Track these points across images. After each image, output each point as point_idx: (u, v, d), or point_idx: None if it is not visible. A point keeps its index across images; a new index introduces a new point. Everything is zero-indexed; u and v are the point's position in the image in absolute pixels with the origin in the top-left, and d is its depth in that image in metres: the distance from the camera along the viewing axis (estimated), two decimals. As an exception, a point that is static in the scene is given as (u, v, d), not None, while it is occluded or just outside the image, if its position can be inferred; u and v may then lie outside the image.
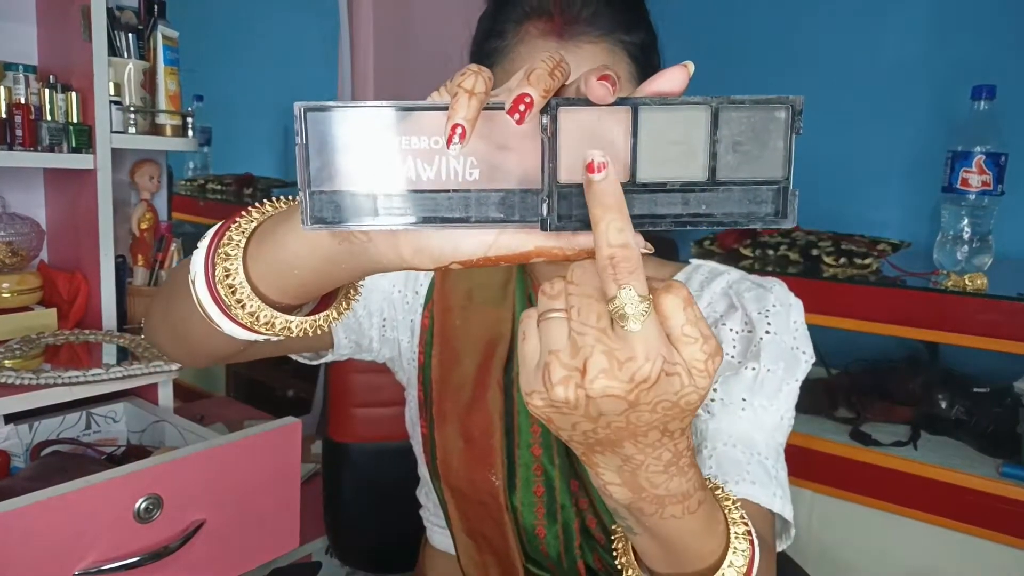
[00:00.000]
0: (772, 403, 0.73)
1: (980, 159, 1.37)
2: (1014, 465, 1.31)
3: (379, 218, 0.38)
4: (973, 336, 1.31)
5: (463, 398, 0.82)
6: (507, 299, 0.83)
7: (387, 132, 0.37)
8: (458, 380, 0.82)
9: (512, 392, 0.81)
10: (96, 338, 1.34)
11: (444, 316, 0.84)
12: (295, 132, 0.37)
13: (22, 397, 1.11)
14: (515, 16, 0.70)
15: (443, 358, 0.83)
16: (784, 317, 0.76)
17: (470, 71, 0.37)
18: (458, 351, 0.83)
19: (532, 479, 0.80)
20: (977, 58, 1.66)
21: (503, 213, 0.38)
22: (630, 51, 0.70)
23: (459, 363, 0.83)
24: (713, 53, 2.07)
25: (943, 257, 1.44)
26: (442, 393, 0.83)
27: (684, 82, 0.37)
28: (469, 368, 0.82)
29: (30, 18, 1.42)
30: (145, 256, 1.54)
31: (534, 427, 0.80)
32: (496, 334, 0.82)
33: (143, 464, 0.97)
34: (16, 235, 1.35)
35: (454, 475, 0.83)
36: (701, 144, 0.37)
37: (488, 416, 0.80)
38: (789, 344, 0.75)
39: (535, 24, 0.68)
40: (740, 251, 1.64)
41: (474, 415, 0.81)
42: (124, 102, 1.39)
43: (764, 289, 0.78)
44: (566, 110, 0.37)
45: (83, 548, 0.90)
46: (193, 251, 0.51)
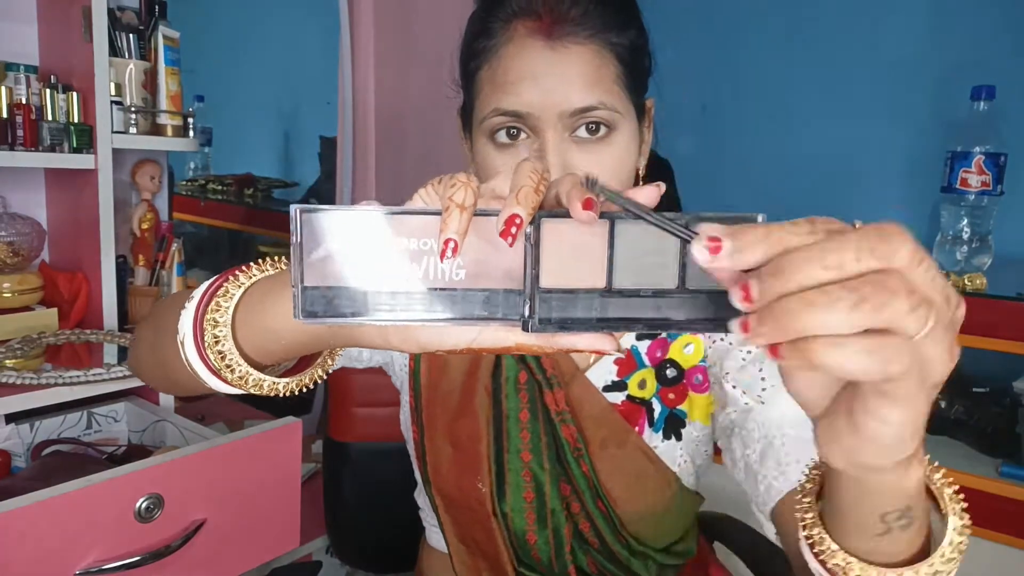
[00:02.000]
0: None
1: (979, 159, 1.37)
2: (1013, 465, 1.32)
3: (369, 314, 0.40)
4: (972, 336, 1.31)
5: (451, 404, 0.82)
6: None
7: (377, 234, 0.39)
8: (446, 386, 0.82)
9: (500, 397, 0.81)
10: (97, 338, 1.34)
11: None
12: (291, 232, 0.39)
13: (23, 397, 1.12)
14: (503, 15, 0.70)
15: (431, 364, 0.83)
16: None
17: (459, 183, 0.38)
18: (445, 357, 0.82)
19: (522, 484, 0.80)
20: (976, 59, 1.66)
21: (487, 311, 0.40)
22: (619, 53, 0.70)
23: (447, 369, 0.82)
24: (711, 54, 2.07)
25: (942, 257, 1.44)
26: (431, 399, 0.83)
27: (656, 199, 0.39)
28: (457, 374, 0.82)
29: (31, 18, 1.43)
30: (146, 256, 1.55)
31: (523, 432, 0.80)
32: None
33: (144, 464, 0.98)
34: (17, 235, 1.36)
35: (443, 481, 0.83)
36: (672, 255, 0.39)
37: (476, 422, 0.80)
38: None
39: (523, 23, 0.68)
40: (740, 251, 1.65)
41: (462, 421, 0.81)
42: (125, 102, 1.39)
43: None
44: (548, 222, 0.39)
45: (84, 548, 0.90)
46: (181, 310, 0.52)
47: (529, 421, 0.80)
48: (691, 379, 0.80)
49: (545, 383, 0.80)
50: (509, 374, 0.81)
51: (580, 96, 0.67)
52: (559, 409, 0.79)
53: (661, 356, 0.80)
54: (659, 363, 0.80)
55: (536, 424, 0.80)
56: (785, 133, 1.99)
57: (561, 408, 0.79)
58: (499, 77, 0.69)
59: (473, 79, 0.73)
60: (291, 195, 2.82)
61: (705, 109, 2.10)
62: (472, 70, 0.73)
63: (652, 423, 0.80)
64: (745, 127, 2.06)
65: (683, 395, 0.80)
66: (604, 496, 0.78)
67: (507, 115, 0.68)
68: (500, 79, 0.68)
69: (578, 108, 0.67)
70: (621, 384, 0.80)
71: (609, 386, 0.80)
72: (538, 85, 0.67)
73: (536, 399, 0.80)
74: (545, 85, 0.67)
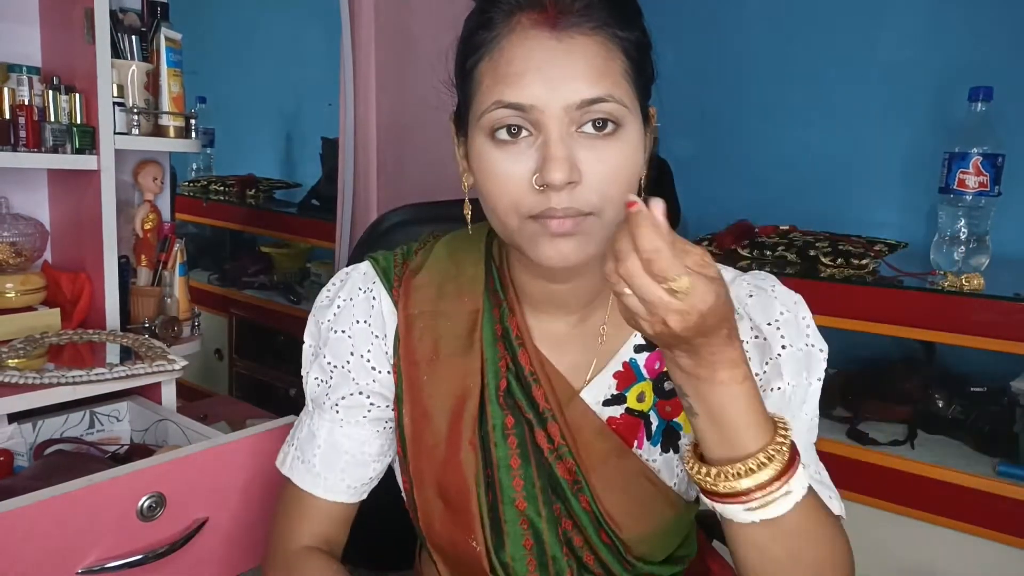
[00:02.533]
0: (800, 410, 0.73)
1: (977, 160, 1.38)
2: (1010, 464, 1.32)
3: None
4: (970, 336, 1.31)
5: (438, 457, 0.78)
6: (474, 348, 0.78)
7: None
8: (431, 439, 0.78)
9: (489, 447, 0.77)
10: (99, 338, 1.35)
11: (411, 371, 0.79)
12: None
13: (26, 396, 1.12)
14: (505, 7, 0.67)
15: (414, 415, 0.79)
16: (794, 323, 0.74)
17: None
18: (428, 408, 0.78)
19: (520, 533, 0.77)
20: (974, 60, 1.67)
21: None
22: (625, 48, 0.67)
23: (430, 421, 0.78)
24: (710, 56, 2.07)
25: (940, 258, 1.45)
26: (417, 453, 0.79)
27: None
28: (441, 426, 0.78)
29: (33, 20, 1.43)
30: (148, 256, 1.55)
31: (516, 480, 0.76)
32: (464, 389, 0.77)
33: (146, 463, 0.98)
34: (20, 235, 1.37)
35: (437, 536, 0.79)
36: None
37: (462, 478, 0.76)
38: (804, 348, 0.74)
39: (527, 15, 0.66)
40: (738, 251, 1.65)
41: (449, 476, 0.77)
42: (127, 103, 1.40)
43: (766, 293, 0.76)
44: None
45: (86, 546, 0.91)
46: None
47: (521, 467, 0.76)
48: None
49: (537, 421, 0.76)
50: (495, 421, 0.77)
51: (588, 88, 0.64)
52: (554, 445, 0.76)
53: (659, 368, 0.79)
54: (657, 375, 0.79)
55: (528, 468, 0.76)
56: (784, 134, 1.99)
57: (557, 443, 0.76)
58: (501, 68, 0.66)
59: (471, 74, 0.69)
60: (293, 196, 2.83)
61: (704, 111, 2.11)
62: (471, 65, 0.69)
63: (650, 436, 0.78)
64: (744, 129, 2.07)
65: (679, 408, 0.78)
66: (607, 525, 0.76)
67: (510, 108, 0.65)
68: (503, 70, 0.65)
69: (586, 99, 0.64)
70: (620, 397, 0.78)
71: (608, 400, 0.78)
72: (543, 76, 0.64)
73: (526, 441, 0.77)
74: (551, 76, 0.64)
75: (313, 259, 2.71)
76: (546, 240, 0.66)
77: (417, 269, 0.82)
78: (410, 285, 0.81)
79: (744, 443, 0.60)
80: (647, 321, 0.56)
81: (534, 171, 0.65)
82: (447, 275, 0.81)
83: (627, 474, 0.77)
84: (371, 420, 0.82)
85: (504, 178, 0.66)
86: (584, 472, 0.75)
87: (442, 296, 0.80)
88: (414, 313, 0.79)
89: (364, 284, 0.82)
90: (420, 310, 0.80)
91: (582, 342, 0.79)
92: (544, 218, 0.65)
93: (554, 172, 0.62)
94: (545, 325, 0.79)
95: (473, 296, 0.79)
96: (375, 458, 0.83)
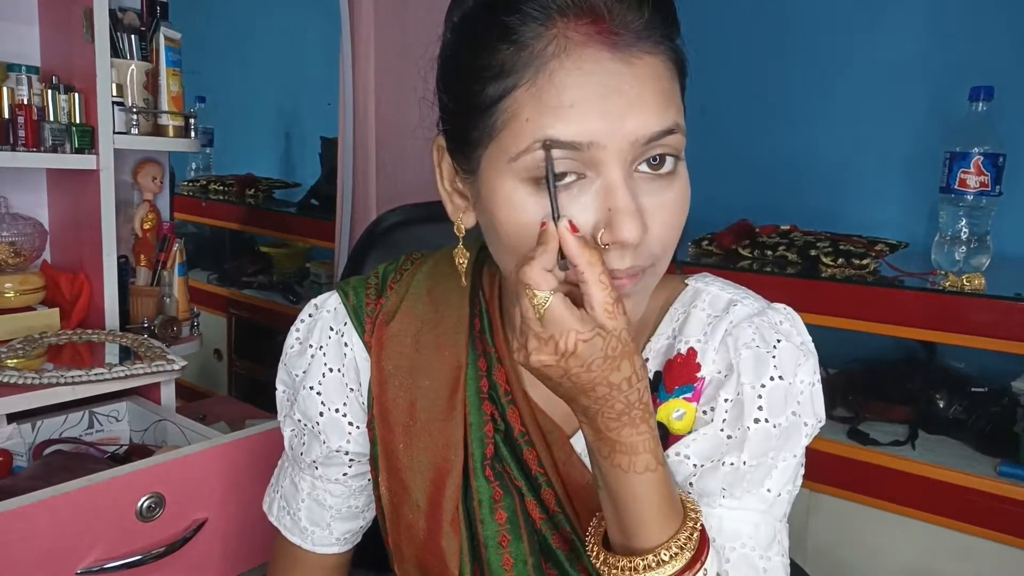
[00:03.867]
0: (760, 487, 0.64)
1: (978, 160, 1.37)
2: (1012, 464, 1.32)
3: None
4: (971, 336, 1.31)
5: (417, 537, 0.70)
6: (456, 412, 0.68)
7: None
8: (409, 515, 0.70)
9: (475, 523, 0.68)
10: (99, 338, 1.34)
11: (387, 438, 0.70)
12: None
13: (25, 396, 1.12)
14: (538, 15, 0.52)
15: (391, 486, 0.70)
16: (782, 392, 0.62)
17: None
18: (406, 481, 0.69)
19: None
20: (975, 59, 1.67)
21: None
22: (679, 61, 0.58)
23: (408, 495, 0.69)
24: (710, 55, 2.07)
25: (941, 257, 1.44)
26: (395, 527, 0.71)
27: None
28: (420, 501, 0.69)
29: (32, 19, 1.43)
30: (148, 256, 1.55)
31: (505, 559, 0.68)
32: (445, 462, 0.68)
33: (145, 463, 0.98)
34: (19, 235, 1.36)
35: None
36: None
37: (444, 563, 0.68)
38: (784, 422, 0.62)
39: (575, 27, 0.52)
40: (739, 251, 1.65)
41: (429, 558, 0.69)
42: (127, 103, 1.40)
43: (766, 349, 0.63)
44: None
45: (86, 547, 0.91)
46: None
47: (511, 544, 0.67)
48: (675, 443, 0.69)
49: (528, 489, 0.68)
50: (482, 496, 0.67)
51: (658, 119, 0.53)
52: (549, 514, 0.68)
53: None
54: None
55: (519, 545, 0.67)
56: (784, 133, 1.99)
57: (552, 511, 0.67)
58: (551, 99, 0.52)
59: (497, 105, 0.54)
60: (292, 196, 2.83)
61: (705, 111, 2.11)
62: (497, 93, 0.54)
63: None
64: (744, 128, 2.06)
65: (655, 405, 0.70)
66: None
67: (563, 147, 0.52)
68: (553, 101, 0.52)
69: (656, 133, 0.53)
70: None
71: None
72: (605, 107, 0.51)
73: (516, 514, 0.68)
74: (615, 109, 0.52)
75: (312, 259, 2.70)
76: None
77: (392, 313, 0.71)
78: (383, 334, 0.71)
79: (645, 536, 0.56)
80: (517, 341, 0.53)
81: (594, 225, 0.53)
82: (425, 321, 0.71)
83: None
84: (353, 476, 0.76)
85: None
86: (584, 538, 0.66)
87: (419, 348, 0.70)
88: (388, 369, 0.70)
89: (336, 324, 0.73)
90: (394, 365, 0.70)
91: None
92: None
93: (629, 229, 0.52)
94: None
95: (455, 349, 0.69)
96: (364, 508, 0.78)
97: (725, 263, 1.62)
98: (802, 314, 0.69)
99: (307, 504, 0.76)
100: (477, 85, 0.55)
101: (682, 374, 0.65)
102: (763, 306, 0.67)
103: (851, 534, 1.42)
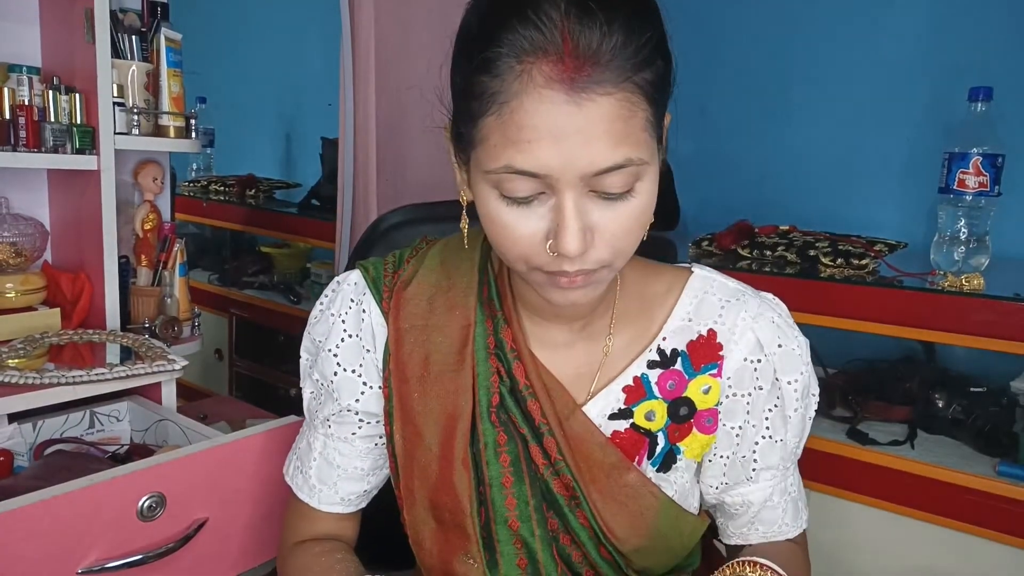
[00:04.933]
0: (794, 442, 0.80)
1: (977, 160, 1.38)
2: (1010, 464, 1.32)
3: None
4: (970, 336, 1.31)
5: (430, 477, 0.76)
6: (465, 364, 0.76)
7: None
8: (423, 459, 0.77)
9: (481, 465, 0.75)
10: (100, 338, 1.35)
11: (402, 388, 0.77)
12: None
13: (26, 396, 1.12)
14: (513, 51, 0.58)
15: (405, 433, 0.78)
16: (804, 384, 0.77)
17: None
18: (419, 427, 0.77)
19: (514, 553, 0.75)
20: (974, 60, 1.67)
21: None
22: (647, 92, 0.60)
23: (422, 440, 0.77)
24: (710, 55, 2.07)
25: (940, 258, 1.45)
26: (408, 471, 0.78)
27: None
28: (432, 445, 0.76)
29: (33, 20, 1.43)
30: (148, 257, 1.56)
31: (508, 499, 0.75)
32: (455, 407, 0.75)
33: (146, 463, 0.98)
34: (20, 236, 1.37)
35: (427, 555, 0.79)
36: None
37: (456, 499, 0.75)
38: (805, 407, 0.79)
39: (540, 67, 0.57)
40: (738, 252, 1.65)
41: (442, 496, 0.76)
42: (127, 103, 1.40)
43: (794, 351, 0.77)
44: None
45: (86, 546, 0.91)
46: None
47: (514, 486, 0.74)
48: (700, 420, 0.77)
49: (531, 436, 0.75)
50: (487, 439, 0.75)
51: (605, 157, 0.58)
52: (551, 460, 0.74)
53: (675, 392, 0.77)
54: (673, 399, 0.76)
55: (522, 487, 0.74)
56: (784, 134, 1.99)
57: (553, 458, 0.74)
58: (512, 133, 0.58)
59: (476, 122, 0.61)
60: (293, 196, 2.83)
61: (704, 111, 2.11)
62: (476, 111, 0.61)
63: (651, 455, 0.76)
64: (744, 128, 2.07)
65: (686, 433, 0.77)
66: (607, 539, 0.75)
67: (521, 175, 0.59)
68: (513, 135, 0.58)
69: (603, 168, 0.58)
70: (627, 412, 0.76)
71: (615, 414, 0.76)
72: (559, 146, 0.57)
73: (520, 459, 0.75)
74: (567, 146, 0.57)
75: (313, 259, 2.71)
76: (555, 289, 0.65)
77: (408, 280, 0.80)
78: (400, 298, 0.79)
79: None
80: None
81: (547, 233, 0.61)
82: (438, 287, 0.79)
83: (628, 488, 0.75)
84: (361, 437, 0.82)
85: (513, 232, 0.63)
86: (583, 487, 0.74)
87: (433, 310, 0.78)
88: (404, 327, 0.78)
89: (355, 295, 0.81)
90: (410, 324, 0.78)
91: (585, 349, 0.77)
92: (555, 275, 0.63)
93: (568, 244, 0.59)
94: (545, 331, 0.77)
95: (465, 309, 0.77)
96: (369, 472, 0.84)
97: (725, 263, 1.62)
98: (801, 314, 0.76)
99: (318, 463, 0.83)
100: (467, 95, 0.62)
101: (706, 353, 0.76)
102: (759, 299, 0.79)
103: (850, 534, 1.42)
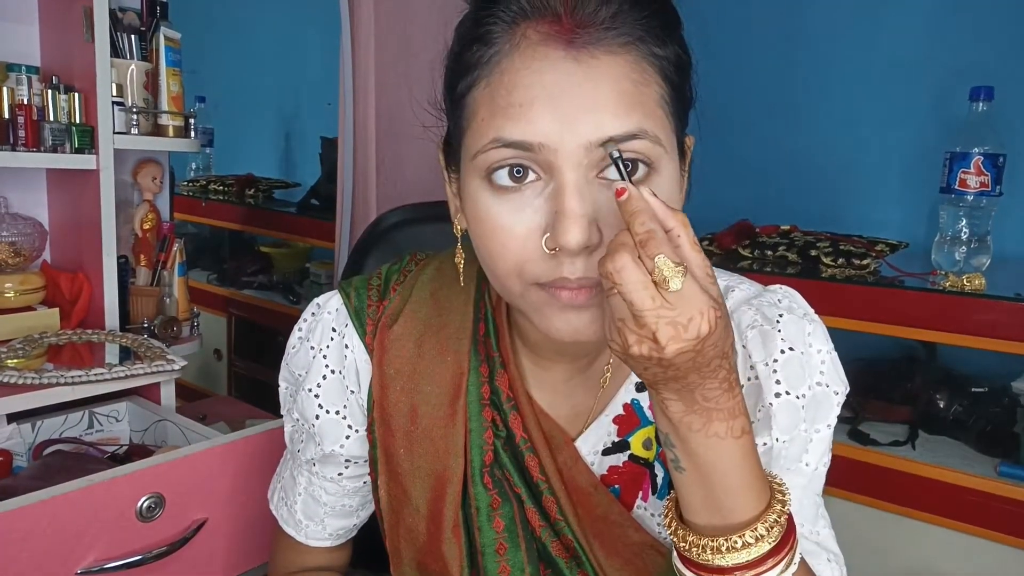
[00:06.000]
0: (799, 462, 0.64)
1: (978, 160, 1.37)
2: (1012, 464, 1.32)
3: None
4: (971, 336, 1.31)
5: (418, 539, 0.69)
6: (457, 418, 0.67)
7: None
8: (410, 519, 0.70)
9: (473, 531, 0.67)
10: (99, 338, 1.34)
11: (387, 440, 0.69)
12: None
13: (25, 396, 1.12)
14: (506, 16, 0.53)
15: (391, 490, 0.70)
16: (799, 362, 0.62)
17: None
18: (406, 487, 0.69)
19: None
20: (975, 60, 1.66)
21: None
22: (663, 68, 0.54)
23: (409, 501, 0.69)
24: (710, 54, 2.07)
25: (941, 258, 1.44)
26: (395, 531, 0.71)
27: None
28: (420, 507, 0.68)
29: (32, 19, 1.43)
30: (147, 256, 1.55)
31: (502, 567, 0.67)
32: (445, 469, 0.67)
33: (145, 463, 0.98)
34: (19, 235, 1.36)
35: None
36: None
37: (445, 566, 0.68)
38: (809, 392, 0.63)
39: (535, 26, 0.52)
40: (739, 251, 1.65)
41: (431, 562, 0.69)
42: (126, 103, 1.40)
43: (770, 326, 0.63)
44: None
45: (85, 547, 0.91)
46: None
47: (508, 552, 0.67)
48: None
49: (528, 496, 0.67)
50: (479, 503, 0.67)
51: (614, 121, 0.50)
52: (550, 521, 0.67)
53: None
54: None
55: (517, 554, 0.66)
56: (785, 133, 1.99)
57: (553, 518, 0.66)
58: (501, 98, 0.52)
59: (463, 102, 0.56)
60: (292, 196, 2.83)
61: (705, 110, 2.11)
62: (463, 90, 0.55)
63: (655, 489, 0.67)
64: (744, 128, 2.06)
65: None
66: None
67: (512, 147, 0.51)
68: (502, 100, 0.51)
69: (611, 137, 0.50)
70: (623, 444, 0.67)
71: (609, 448, 0.68)
72: (556, 106, 0.50)
73: (515, 522, 0.67)
74: (566, 106, 0.50)
75: (313, 259, 2.70)
76: (555, 312, 0.54)
77: (395, 316, 0.70)
78: (385, 337, 0.69)
79: (735, 510, 0.52)
80: (634, 334, 0.46)
81: (543, 228, 0.52)
82: (428, 325, 0.70)
83: (633, 545, 0.67)
84: (348, 477, 0.76)
85: (504, 234, 0.53)
86: (584, 544, 0.66)
87: (422, 354, 0.69)
88: (389, 373, 0.69)
89: (336, 325, 0.72)
90: (396, 369, 0.69)
91: (584, 388, 0.69)
92: (554, 288, 0.53)
93: (570, 234, 0.50)
94: (545, 371, 0.69)
95: (457, 355, 0.68)
96: (359, 507, 0.80)
97: (725, 263, 1.62)
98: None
99: (303, 498, 0.78)
100: (455, 83, 0.57)
101: None
102: (759, 289, 0.68)
103: (851, 534, 1.42)
